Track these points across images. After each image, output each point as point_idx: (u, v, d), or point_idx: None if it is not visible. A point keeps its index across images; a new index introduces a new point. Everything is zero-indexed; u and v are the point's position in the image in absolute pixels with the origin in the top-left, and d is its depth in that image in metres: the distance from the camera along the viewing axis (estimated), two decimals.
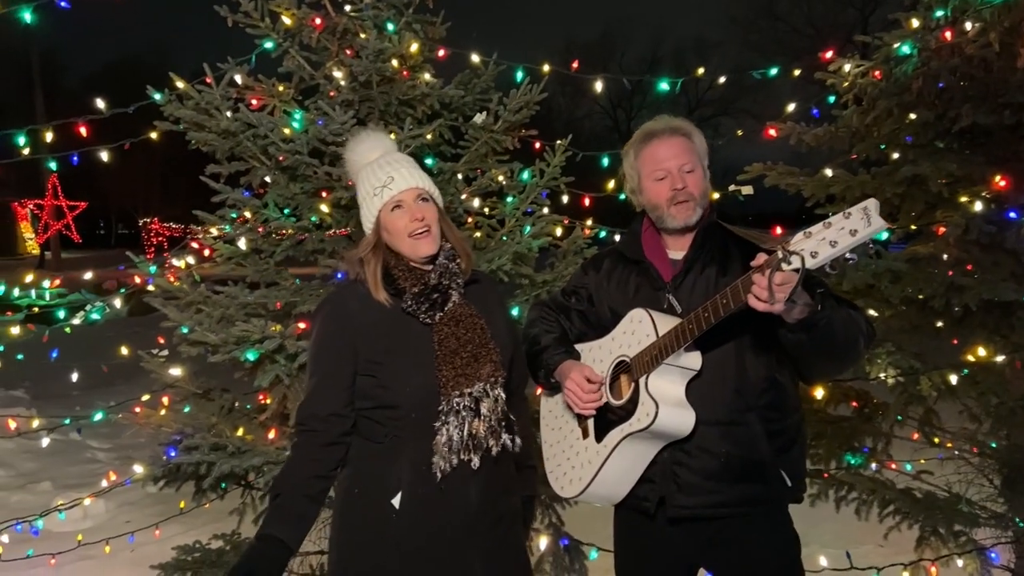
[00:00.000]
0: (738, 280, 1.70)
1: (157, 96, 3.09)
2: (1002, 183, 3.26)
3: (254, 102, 3.32)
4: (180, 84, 3.09)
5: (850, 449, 3.73)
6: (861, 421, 3.76)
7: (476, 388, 1.87)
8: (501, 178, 3.36)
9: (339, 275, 3.41)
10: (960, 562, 3.27)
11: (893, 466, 3.78)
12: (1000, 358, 3.16)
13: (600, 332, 2.12)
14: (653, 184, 2.02)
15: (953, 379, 3.16)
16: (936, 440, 3.72)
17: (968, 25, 3.18)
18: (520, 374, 2.16)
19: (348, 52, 3.23)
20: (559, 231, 3.38)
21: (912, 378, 3.26)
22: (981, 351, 3.10)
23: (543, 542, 3.21)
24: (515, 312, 3.09)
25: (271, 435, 3.03)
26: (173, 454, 2.91)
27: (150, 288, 3.28)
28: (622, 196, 4.23)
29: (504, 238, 3.35)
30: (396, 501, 1.85)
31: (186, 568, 3.28)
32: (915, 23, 3.31)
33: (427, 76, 3.33)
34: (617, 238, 3.84)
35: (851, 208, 1.50)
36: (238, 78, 3.23)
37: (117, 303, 3.40)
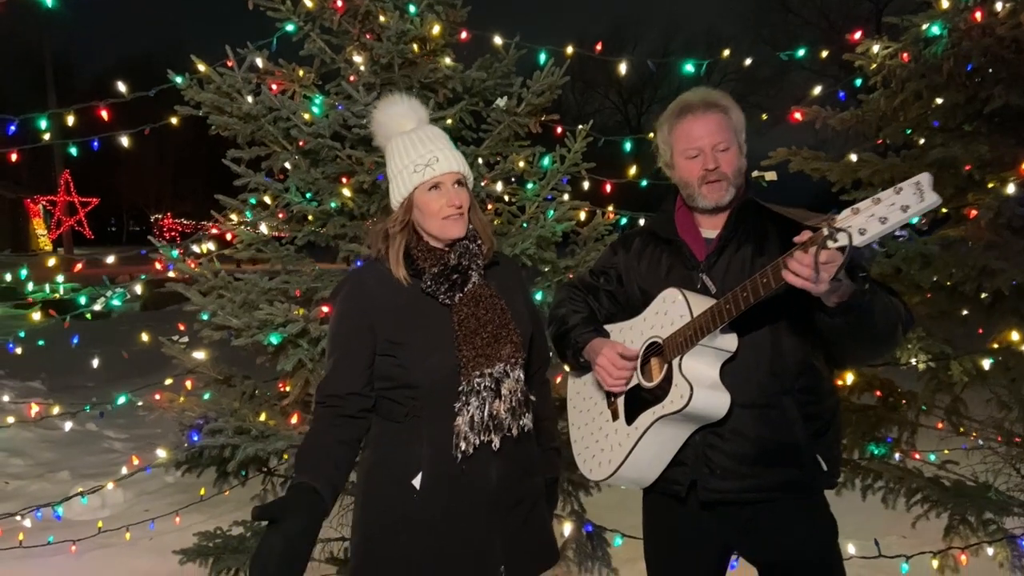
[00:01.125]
0: (780, 258, 1.65)
1: (178, 79, 3.07)
2: None
3: (274, 87, 3.30)
4: (201, 67, 3.07)
5: (874, 439, 3.68)
6: (886, 410, 3.71)
7: (497, 369, 1.85)
8: (521, 164, 3.32)
9: (359, 262, 3.40)
10: (991, 551, 3.22)
11: (917, 456, 3.73)
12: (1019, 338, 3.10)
13: (630, 313, 2.08)
14: (685, 162, 1.97)
15: (986, 364, 3.10)
16: (962, 429, 3.67)
17: (999, 5, 3.13)
18: (541, 356, 2.12)
19: (368, 36, 3.20)
20: (583, 215, 3.34)
21: (943, 364, 3.21)
22: (1015, 335, 3.04)
23: (567, 528, 3.18)
24: (539, 296, 3.06)
25: (293, 420, 3.02)
26: (196, 438, 2.90)
27: (171, 274, 3.27)
28: (643, 183, 4.24)
29: (524, 225, 3.32)
30: (417, 482, 1.84)
31: (208, 554, 3.27)
32: (945, 3, 3.25)
33: (448, 60, 3.30)
34: (642, 222, 3.82)
35: (902, 183, 1.45)
36: (259, 62, 3.21)
37: (138, 289, 3.39)
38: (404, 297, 1.89)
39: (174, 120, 3.35)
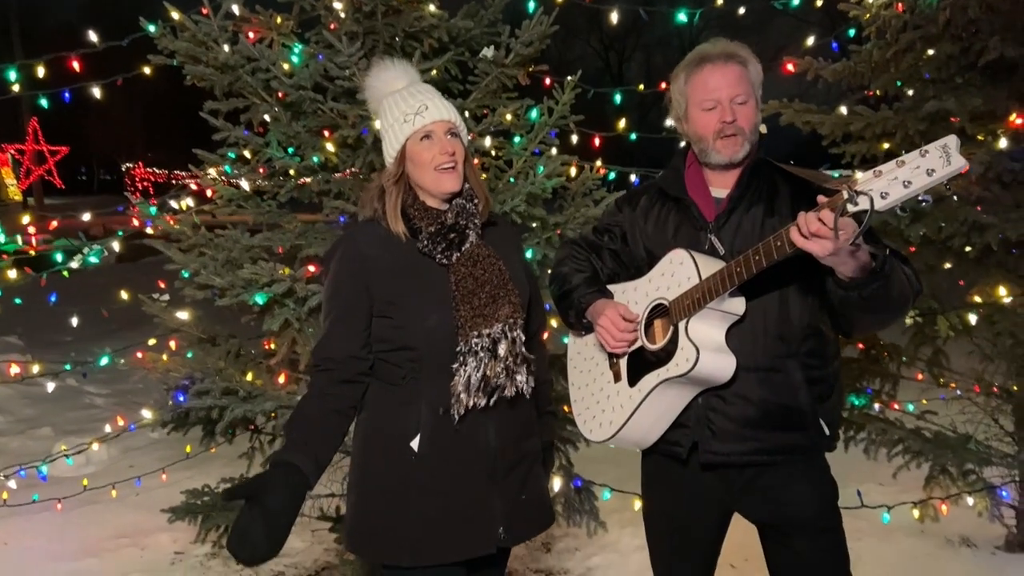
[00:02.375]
0: (796, 221, 1.59)
1: (151, 27, 2.94)
2: (1018, 120, 3.18)
3: (251, 35, 3.18)
4: (175, 15, 2.93)
5: (855, 391, 3.73)
6: (868, 362, 3.75)
7: (495, 329, 1.82)
8: (509, 117, 3.24)
9: (341, 218, 3.33)
10: (971, 500, 3.30)
11: (896, 407, 3.80)
12: (1008, 295, 3.13)
13: (634, 272, 2.04)
14: (701, 114, 1.90)
15: (973, 319, 3.13)
16: (941, 380, 3.72)
17: None
18: (539, 319, 2.10)
19: None
20: (573, 171, 3.28)
21: (929, 319, 3.23)
22: (1002, 290, 3.06)
23: (556, 484, 3.21)
24: (529, 254, 3.02)
25: (281, 379, 2.98)
26: (182, 399, 2.86)
27: (149, 231, 3.19)
28: (633, 136, 4.17)
29: (512, 180, 3.25)
30: (415, 444, 1.82)
31: (197, 511, 3.27)
32: None
33: (432, 7, 3.18)
34: (633, 178, 3.77)
35: (928, 145, 1.38)
36: (235, 8, 3.08)
37: (115, 246, 3.31)
38: (400, 258, 1.86)
39: (147, 70, 3.22)
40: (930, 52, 3.32)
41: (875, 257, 1.61)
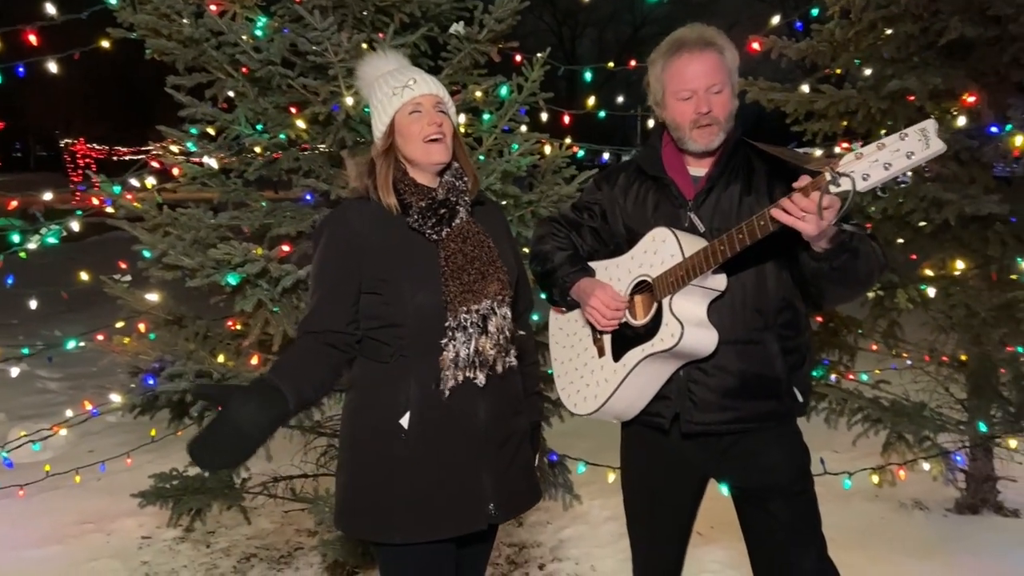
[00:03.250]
0: (779, 201, 1.65)
1: (112, 0, 2.83)
2: (971, 99, 3.29)
3: (212, 7, 3.08)
4: None
5: (814, 362, 3.85)
6: (828, 335, 3.87)
7: (483, 305, 1.83)
8: (479, 94, 3.22)
9: (308, 196, 3.28)
10: (926, 466, 3.45)
11: (851, 377, 3.94)
12: (963, 267, 3.25)
13: (613, 250, 2.07)
14: (677, 103, 1.92)
15: (931, 292, 3.25)
16: (895, 352, 3.87)
17: None
18: (526, 298, 2.11)
19: None
20: (548, 149, 3.28)
21: (889, 292, 3.35)
22: (960, 264, 3.18)
23: None
24: None
25: (254, 361, 2.95)
26: (152, 382, 2.80)
27: (109, 210, 3.09)
28: (602, 114, 4.19)
29: (482, 157, 3.25)
30: (404, 421, 1.82)
31: (167, 495, 3.23)
32: None
33: None
34: (606, 156, 3.80)
35: (907, 129, 1.45)
36: None
37: (75, 226, 3.19)
38: (390, 234, 1.85)
39: (105, 43, 3.10)
40: (889, 31, 3.40)
41: (844, 231, 1.69)
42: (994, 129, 3.10)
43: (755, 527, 2.04)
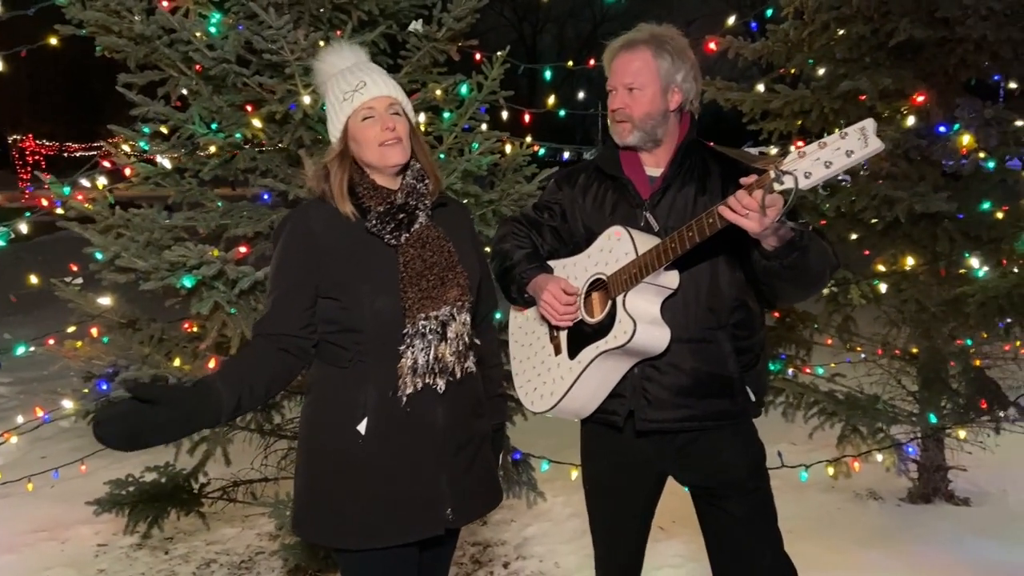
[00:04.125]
0: (727, 199, 1.68)
1: None
2: (920, 98, 3.38)
3: (164, 3, 3.02)
4: None
5: (771, 357, 3.92)
6: (785, 330, 3.94)
7: (443, 311, 1.82)
8: (439, 93, 3.21)
9: (265, 196, 3.23)
10: (880, 457, 3.54)
11: (807, 371, 4.02)
12: (913, 263, 3.34)
13: (573, 249, 2.08)
14: (609, 97, 1.98)
15: (883, 288, 3.33)
16: (849, 345, 3.96)
17: None
18: (489, 302, 2.11)
19: None
20: (508, 148, 3.28)
21: (843, 288, 3.42)
22: (910, 260, 3.27)
23: None
24: None
25: (211, 364, 2.89)
26: (106, 388, 2.73)
27: (59, 211, 3.01)
28: (562, 113, 4.20)
29: (442, 156, 3.23)
30: (362, 427, 1.81)
31: (123, 503, 3.16)
32: None
33: None
34: (567, 155, 3.81)
35: (848, 128, 1.48)
36: None
37: (23, 227, 3.10)
38: (349, 238, 1.83)
39: (53, 40, 3.02)
40: (842, 32, 3.47)
41: (794, 230, 1.72)
42: (942, 129, 3.19)
43: (712, 524, 2.07)
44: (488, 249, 2.31)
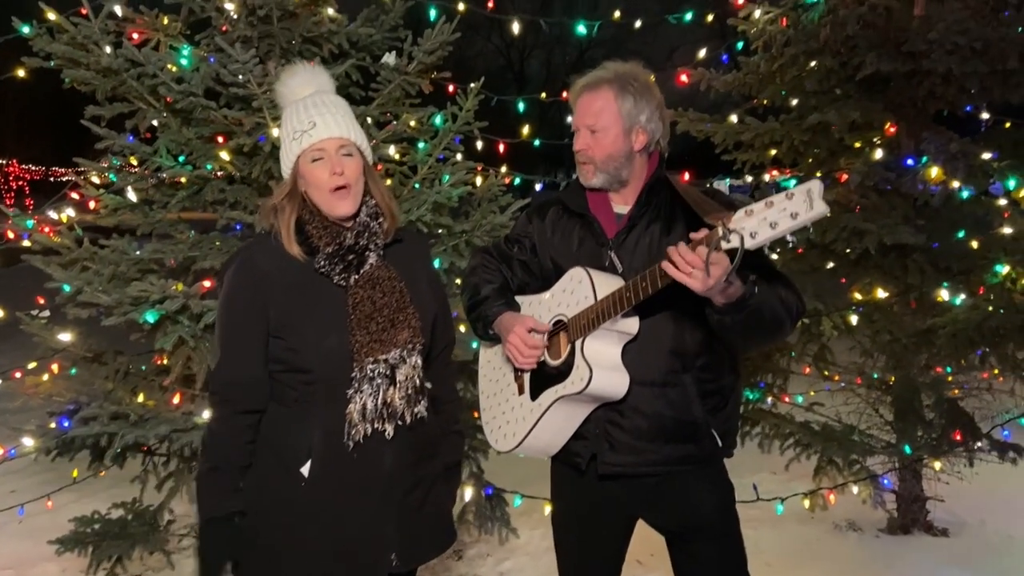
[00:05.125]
0: (668, 251, 1.64)
1: (25, 29, 2.74)
2: (892, 129, 3.41)
3: (135, 36, 3.02)
4: (51, 16, 2.75)
5: (749, 386, 3.92)
6: (762, 359, 3.93)
7: (392, 355, 1.77)
8: (413, 123, 3.21)
9: (238, 226, 3.21)
10: (855, 489, 3.51)
11: (787, 399, 4.01)
12: (885, 294, 3.35)
13: (543, 283, 2.05)
14: (574, 136, 1.96)
15: (853, 319, 3.33)
16: (826, 373, 3.96)
17: None
18: (446, 337, 2.06)
19: None
20: (479, 180, 3.27)
21: (815, 320, 3.42)
22: (881, 292, 3.27)
23: (467, 493, 3.21)
24: (436, 264, 3.00)
25: (175, 400, 2.85)
26: (67, 425, 2.68)
27: (25, 243, 2.97)
28: (536, 142, 4.20)
29: (417, 186, 3.22)
30: (305, 470, 1.76)
31: (86, 541, 3.09)
32: None
33: (331, 11, 3.11)
34: (537, 187, 3.81)
35: (794, 188, 1.44)
36: (117, 9, 2.91)
37: None
38: (297, 276, 1.78)
39: (21, 72, 3.00)
40: (812, 64, 3.51)
41: (744, 281, 1.66)
42: (910, 162, 3.21)
43: (683, 567, 2.04)
44: (459, 280, 2.29)
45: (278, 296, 1.77)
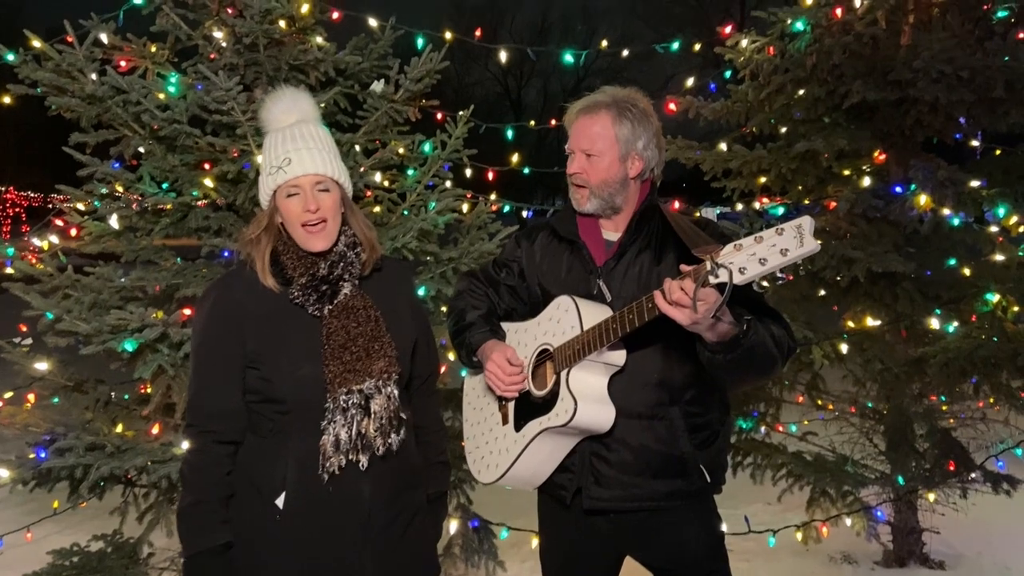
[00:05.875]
0: (662, 286, 1.61)
1: (10, 56, 2.74)
2: (881, 157, 3.41)
3: (122, 64, 3.01)
4: (37, 43, 2.75)
5: (742, 414, 3.87)
6: (753, 388, 3.89)
7: (367, 385, 1.75)
8: (402, 150, 3.20)
9: (225, 252, 3.18)
10: (848, 521, 3.45)
11: (780, 428, 3.96)
12: (876, 322, 3.32)
13: (531, 308, 2.02)
14: (568, 160, 1.93)
15: (844, 348, 3.30)
16: (819, 402, 3.92)
17: (857, 2, 3.28)
18: (428, 366, 2.02)
19: (230, 11, 2.97)
20: (465, 207, 3.26)
21: (805, 348, 3.39)
22: (870, 321, 3.24)
23: (453, 525, 3.15)
24: (421, 291, 2.97)
25: (155, 430, 2.80)
26: (43, 456, 2.63)
27: (8, 271, 2.94)
28: (526, 170, 4.20)
29: (405, 212, 3.21)
30: (280, 501, 1.74)
31: (64, 574, 3.02)
32: (808, 0, 3.37)
33: (319, 39, 3.11)
34: (526, 214, 3.80)
35: (785, 224, 1.42)
36: (103, 37, 2.91)
37: None
38: (273, 306, 1.77)
39: (7, 99, 3.00)
40: (800, 93, 3.52)
41: (736, 326, 1.63)
42: (898, 189, 3.20)
43: None
44: (443, 308, 2.26)
45: (253, 326, 1.76)
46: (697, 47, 3.93)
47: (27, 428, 2.75)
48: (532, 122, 3.83)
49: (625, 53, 3.94)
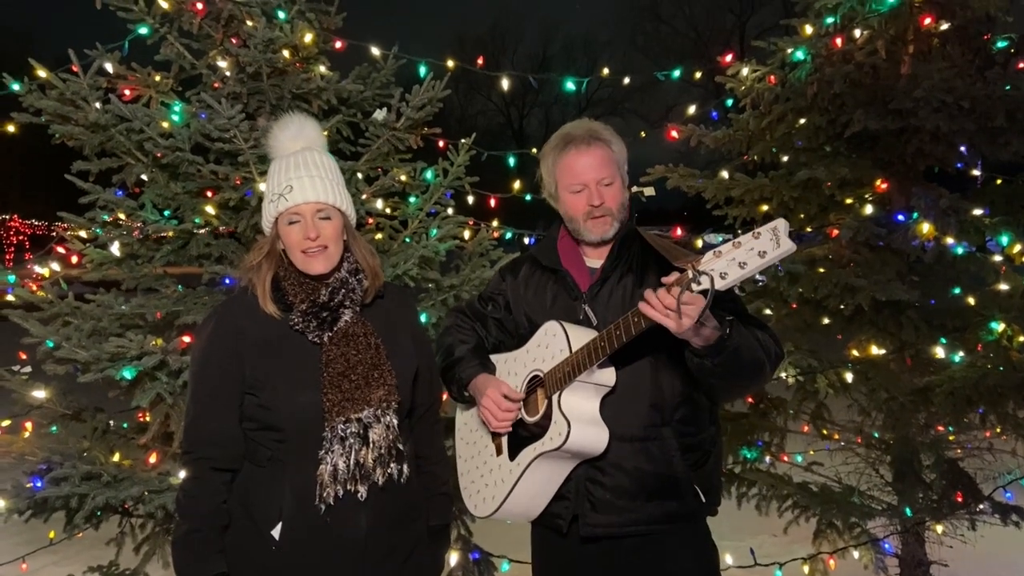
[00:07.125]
0: (645, 294, 1.64)
1: (15, 86, 2.76)
2: (883, 186, 3.41)
3: (127, 92, 3.03)
4: (42, 73, 2.77)
5: (746, 444, 3.83)
6: (758, 417, 3.86)
7: (365, 414, 1.73)
8: (404, 177, 3.21)
9: (227, 280, 3.18)
10: (856, 553, 3.40)
11: (785, 458, 3.91)
12: (880, 351, 3.30)
13: (517, 340, 2.03)
14: (570, 196, 1.95)
15: (849, 377, 3.27)
16: (825, 432, 3.87)
17: (857, 32, 3.30)
18: (430, 394, 2.02)
19: (234, 41, 2.99)
20: (467, 234, 3.26)
21: (809, 377, 3.36)
22: (874, 349, 3.22)
23: (453, 557, 3.10)
24: (423, 318, 2.96)
25: (152, 459, 2.77)
26: (39, 485, 2.60)
27: (9, 298, 2.94)
28: (528, 197, 4.21)
29: (407, 239, 3.21)
30: (276, 532, 1.71)
31: None
32: (808, 30, 3.40)
33: (322, 69, 3.14)
34: (528, 241, 3.79)
35: (760, 228, 1.46)
36: (108, 66, 2.94)
37: None
38: (273, 332, 1.77)
39: (11, 128, 3.01)
40: (801, 121, 3.53)
41: (721, 322, 1.67)
42: (901, 218, 3.20)
43: None
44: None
45: (253, 353, 1.75)
46: (698, 75, 3.97)
47: (23, 457, 2.71)
48: (534, 149, 3.83)
49: (627, 81, 3.98)
